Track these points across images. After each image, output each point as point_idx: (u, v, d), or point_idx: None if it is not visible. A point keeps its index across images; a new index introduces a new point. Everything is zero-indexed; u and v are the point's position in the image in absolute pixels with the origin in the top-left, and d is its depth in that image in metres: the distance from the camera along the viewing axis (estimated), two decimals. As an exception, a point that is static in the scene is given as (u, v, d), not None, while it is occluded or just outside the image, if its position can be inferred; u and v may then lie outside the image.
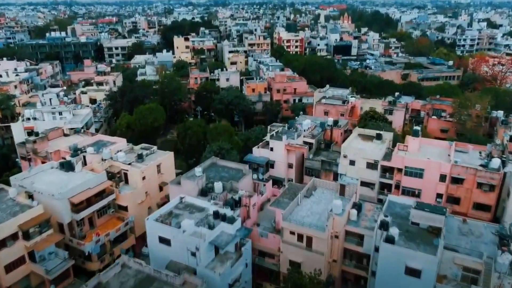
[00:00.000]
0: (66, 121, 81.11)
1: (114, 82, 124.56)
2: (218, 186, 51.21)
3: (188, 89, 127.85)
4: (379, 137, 68.45)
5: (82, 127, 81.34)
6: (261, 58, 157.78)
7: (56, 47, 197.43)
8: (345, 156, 64.89)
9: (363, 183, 64.77)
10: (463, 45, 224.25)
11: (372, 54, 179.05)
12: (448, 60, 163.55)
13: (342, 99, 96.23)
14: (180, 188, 51.43)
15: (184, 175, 52.66)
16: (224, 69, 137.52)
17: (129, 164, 59.53)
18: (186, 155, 78.29)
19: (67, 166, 57.60)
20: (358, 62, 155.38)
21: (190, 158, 78.39)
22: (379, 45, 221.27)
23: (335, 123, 78.57)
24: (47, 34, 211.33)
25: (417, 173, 59.83)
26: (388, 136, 69.08)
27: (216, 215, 45.28)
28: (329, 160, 67.72)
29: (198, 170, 51.30)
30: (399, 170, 61.63)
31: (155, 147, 65.09)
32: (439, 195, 59.49)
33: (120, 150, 63.35)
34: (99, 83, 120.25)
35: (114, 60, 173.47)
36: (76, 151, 63.62)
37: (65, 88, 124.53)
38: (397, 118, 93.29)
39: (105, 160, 60.29)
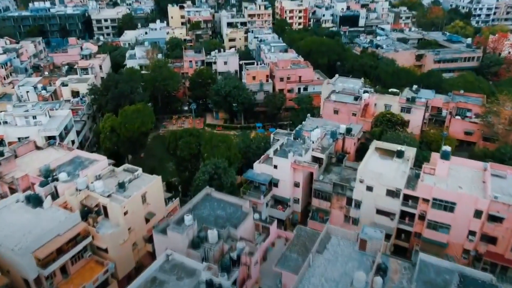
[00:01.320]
0: (41, 128, 71.24)
1: (100, 66, 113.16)
2: (212, 235, 42.41)
3: (182, 74, 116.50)
4: (400, 154, 58.81)
5: (60, 134, 71.71)
6: (262, 35, 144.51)
7: (40, 20, 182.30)
8: (361, 181, 55.72)
9: (381, 211, 56.54)
10: (479, 15, 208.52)
11: (382, 29, 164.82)
12: (465, 35, 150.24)
13: (354, 94, 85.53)
14: (167, 239, 42.66)
15: (172, 222, 43.67)
16: (222, 49, 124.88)
17: (109, 196, 50.40)
18: (178, 167, 69.00)
19: (34, 201, 48.58)
20: (368, 40, 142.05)
21: (183, 170, 69.16)
22: (389, 14, 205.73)
23: (348, 131, 68.67)
24: (30, 5, 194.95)
25: (447, 207, 50.90)
26: (410, 152, 59.51)
27: (210, 285, 36.78)
28: (343, 183, 58.52)
29: (188, 218, 42.27)
30: (425, 200, 52.73)
31: (139, 171, 55.67)
32: (471, 232, 50.90)
33: (99, 177, 54.03)
34: (84, 69, 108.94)
35: (103, 38, 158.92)
36: (47, 175, 54.39)
37: (46, 73, 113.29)
38: (416, 118, 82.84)
39: (80, 190, 51.14)
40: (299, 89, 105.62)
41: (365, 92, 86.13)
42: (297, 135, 66.42)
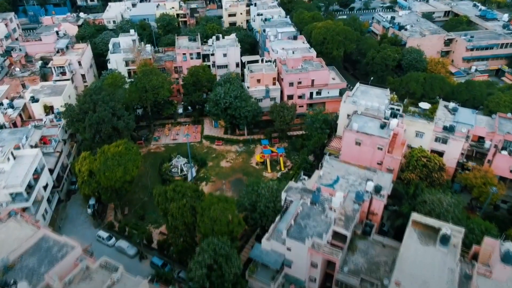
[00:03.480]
0: (1, 180, 58.71)
1: (79, 63, 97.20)
2: None
3: (175, 68, 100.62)
4: (444, 240, 47.07)
5: (29, 184, 59.52)
6: (266, 10, 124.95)
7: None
8: (397, 285, 44.51)
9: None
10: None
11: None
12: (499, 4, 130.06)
13: (380, 118, 71.40)
14: None
15: None
16: (221, 35, 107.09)
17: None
18: (171, 231, 57.29)
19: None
20: (389, 18, 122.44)
21: (178, 236, 57.46)
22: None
23: (377, 190, 56.02)
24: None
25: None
26: (457, 238, 47.65)
27: None
28: (372, 278, 47.40)
29: None
30: (479, 315, 41.98)
31: (119, 271, 44.16)
32: None
33: (70, 282, 42.80)
34: (60, 67, 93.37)
35: (83, 15, 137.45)
36: (3, 283, 43.19)
37: (17, 70, 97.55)
38: (452, 150, 69.71)
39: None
40: (311, 93, 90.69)
41: (392, 114, 72.17)
42: (315, 200, 53.98)
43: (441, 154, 70.82)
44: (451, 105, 75.08)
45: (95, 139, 70.64)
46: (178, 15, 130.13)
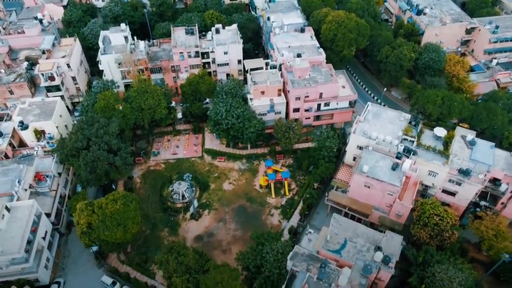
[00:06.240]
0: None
1: (68, 65, 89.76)
2: None
3: (172, 68, 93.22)
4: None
5: (25, 247, 57.71)
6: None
7: None
8: None
9: None
10: None
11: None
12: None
13: (391, 156, 67.33)
14: None
15: None
16: (220, 27, 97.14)
17: None
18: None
19: None
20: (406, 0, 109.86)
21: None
22: None
23: (386, 262, 54.23)
24: None
25: None
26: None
27: None
28: None
29: None
30: None
31: None
32: None
33: None
34: (49, 77, 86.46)
35: None
36: None
37: (2, 71, 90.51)
38: (465, 192, 66.71)
39: None
40: (318, 105, 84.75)
41: (406, 150, 67.94)
42: (321, 277, 52.45)
43: (453, 193, 68.33)
44: (469, 136, 70.21)
45: (91, 176, 67.32)
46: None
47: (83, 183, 69.58)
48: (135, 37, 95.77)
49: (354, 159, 73.41)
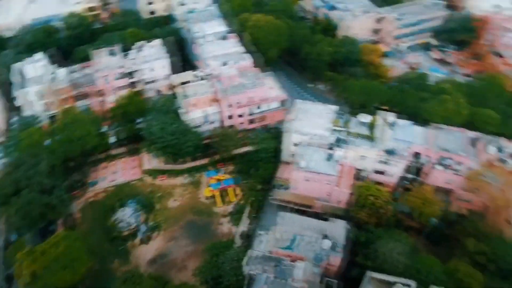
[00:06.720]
0: None
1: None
2: None
3: (99, 93, 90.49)
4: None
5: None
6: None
7: None
8: None
9: None
10: None
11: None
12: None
13: (325, 147, 71.44)
14: None
15: None
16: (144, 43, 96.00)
17: None
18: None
19: None
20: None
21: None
22: None
23: (333, 247, 57.62)
24: None
25: None
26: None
27: None
28: None
29: None
30: None
31: None
32: None
33: None
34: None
35: None
36: None
37: None
38: (394, 169, 72.54)
39: None
40: (251, 109, 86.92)
41: (337, 140, 72.33)
42: (278, 275, 54.51)
43: (383, 172, 74.02)
44: (390, 118, 76.33)
45: (26, 222, 63.81)
46: (87, 9, 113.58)
47: (18, 230, 65.60)
48: (53, 65, 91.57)
49: (292, 156, 76.68)
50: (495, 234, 61.56)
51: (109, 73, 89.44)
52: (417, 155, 73.49)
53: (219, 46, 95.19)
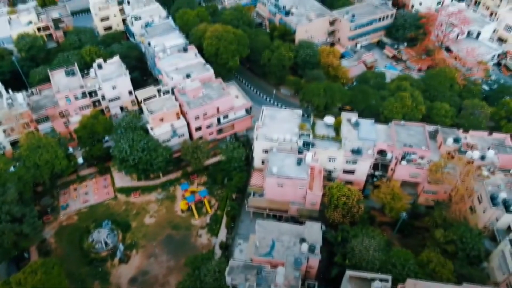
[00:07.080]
0: None
1: None
2: None
3: (60, 114, 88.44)
4: (378, 294, 53.73)
5: None
6: (141, 10, 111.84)
7: None
8: None
9: None
10: None
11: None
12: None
13: (294, 153, 73.58)
14: None
15: None
16: (102, 61, 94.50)
17: None
18: None
19: None
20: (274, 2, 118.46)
21: None
22: None
23: (311, 249, 59.80)
24: None
25: None
26: (387, 283, 54.59)
27: None
28: None
29: None
30: None
31: None
32: None
33: None
34: None
35: None
36: None
37: None
38: (362, 167, 76.08)
39: None
40: (218, 119, 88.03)
41: (305, 144, 74.69)
42: (259, 282, 56.00)
43: (352, 172, 77.28)
44: (353, 119, 79.82)
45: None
46: (39, 28, 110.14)
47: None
48: (9, 90, 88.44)
49: (263, 162, 78.38)
50: (461, 222, 65.77)
51: (69, 93, 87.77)
52: (382, 152, 77.42)
53: (179, 59, 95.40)
